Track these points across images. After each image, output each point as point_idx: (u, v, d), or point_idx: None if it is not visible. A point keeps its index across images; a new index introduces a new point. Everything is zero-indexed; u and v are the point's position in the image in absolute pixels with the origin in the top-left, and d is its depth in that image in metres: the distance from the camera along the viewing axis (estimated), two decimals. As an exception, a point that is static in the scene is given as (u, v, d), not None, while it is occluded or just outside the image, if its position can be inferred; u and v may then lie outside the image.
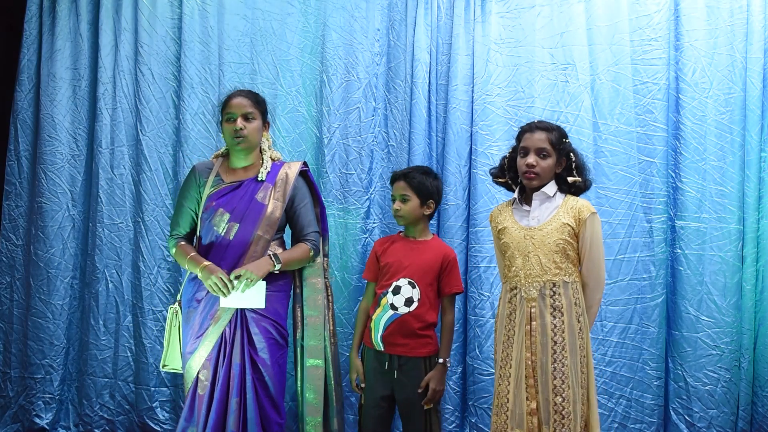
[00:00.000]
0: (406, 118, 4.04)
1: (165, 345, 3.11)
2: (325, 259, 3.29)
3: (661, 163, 3.85)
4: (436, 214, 3.95)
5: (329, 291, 3.27)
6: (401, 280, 3.12)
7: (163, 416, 4.09)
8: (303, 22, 4.15)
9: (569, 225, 2.80)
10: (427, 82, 4.03)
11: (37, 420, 4.15)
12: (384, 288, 3.15)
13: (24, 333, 4.20)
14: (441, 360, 3.13)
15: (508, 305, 2.87)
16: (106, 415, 4.16)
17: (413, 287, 3.11)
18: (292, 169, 3.17)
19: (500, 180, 3.03)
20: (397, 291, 3.12)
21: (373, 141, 4.08)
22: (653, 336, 3.83)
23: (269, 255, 3.04)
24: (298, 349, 3.20)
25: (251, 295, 2.98)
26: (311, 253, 3.16)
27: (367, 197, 4.06)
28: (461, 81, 4.00)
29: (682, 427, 3.84)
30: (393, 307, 3.11)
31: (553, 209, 2.85)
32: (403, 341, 3.09)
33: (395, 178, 3.24)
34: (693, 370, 3.82)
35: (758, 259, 3.77)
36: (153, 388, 4.10)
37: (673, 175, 3.88)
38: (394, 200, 3.22)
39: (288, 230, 3.27)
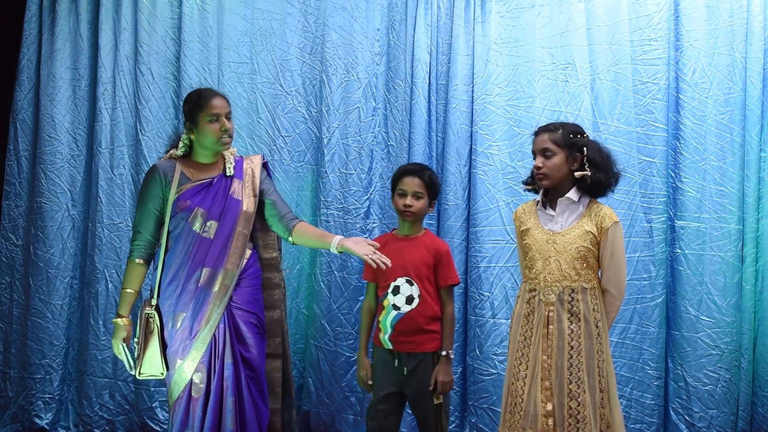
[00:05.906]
0: (406, 118, 4.03)
1: (140, 352, 3.04)
2: (279, 253, 3.30)
3: (661, 163, 3.85)
4: (435, 214, 3.96)
5: (284, 285, 3.29)
6: (399, 279, 3.15)
7: (163, 416, 4.09)
8: (303, 22, 4.15)
9: (591, 233, 2.81)
10: (427, 82, 4.03)
11: (37, 420, 4.15)
12: (384, 290, 3.19)
13: (23, 333, 4.20)
14: (444, 353, 3.15)
15: (526, 306, 2.88)
16: (106, 415, 4.16)
17: (411, 284, 3.14)
18: (255, 163, 3.19)
19: (529, 187, 3.04)
20: (396, 291, 3.15)
21: (373, 141, 4.08)
22: (653, 336, 3.83)
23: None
24: None
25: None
26: None
27: (367, 197, 4.06)
28: (461, 81, 4.00)
29: (682, 427, 3.84)
30: (395, 307, 3.14)
31: (577, 216, 2.85)
32: (410, 338, 3.13)
33: (408, 173, 3.20)
34: (693, 370, 3.81)
35: (758, 259, 3.78)
36: (153, 388, 4.10)
37: (673, 175, 3.88)
38: (402, 195, 3.18)
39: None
